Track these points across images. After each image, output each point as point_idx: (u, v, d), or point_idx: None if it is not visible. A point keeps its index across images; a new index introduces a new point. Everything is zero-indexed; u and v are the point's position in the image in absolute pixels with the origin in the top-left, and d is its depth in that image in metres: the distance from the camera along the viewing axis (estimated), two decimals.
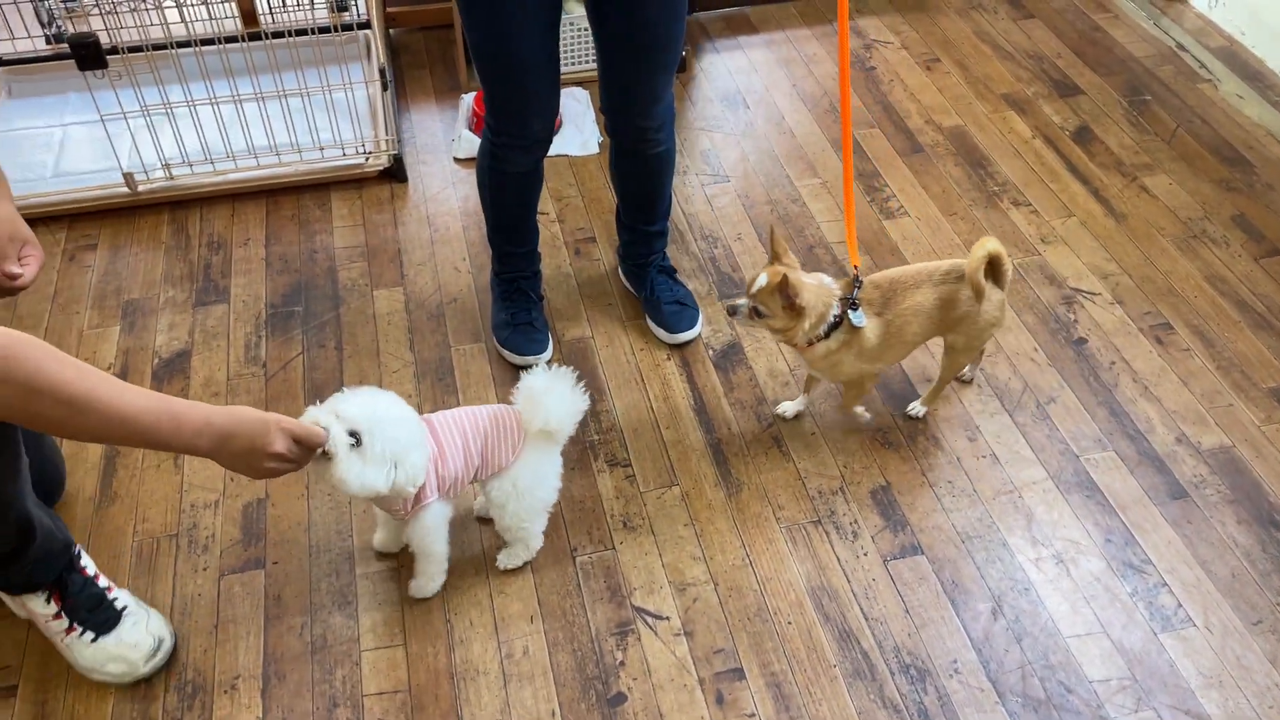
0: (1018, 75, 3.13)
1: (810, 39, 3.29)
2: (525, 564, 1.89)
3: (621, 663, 1.77)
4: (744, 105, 3.02)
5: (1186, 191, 2.71)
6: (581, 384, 1.77)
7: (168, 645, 1.73)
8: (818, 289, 1.89)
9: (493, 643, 1.79)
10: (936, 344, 2.16)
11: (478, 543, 1.93)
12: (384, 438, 1.58)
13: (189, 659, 1.76)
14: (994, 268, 1.92)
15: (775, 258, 1.92)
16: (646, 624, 1.82)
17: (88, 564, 1.72)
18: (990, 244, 1.89)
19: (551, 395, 1.73)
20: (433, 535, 1.76)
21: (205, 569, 1.89)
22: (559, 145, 2.83)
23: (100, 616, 1.68)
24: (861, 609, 1.85)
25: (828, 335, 1.90)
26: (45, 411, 1.24)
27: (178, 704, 1.71)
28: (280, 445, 1.43)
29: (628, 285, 2.43)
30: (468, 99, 2.93)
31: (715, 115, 2.98)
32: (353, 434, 1.57)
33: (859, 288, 1.91)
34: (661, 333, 2.31)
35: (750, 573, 1.90)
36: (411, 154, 2.82)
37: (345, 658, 1.77)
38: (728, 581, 1.88)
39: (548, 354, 2.25)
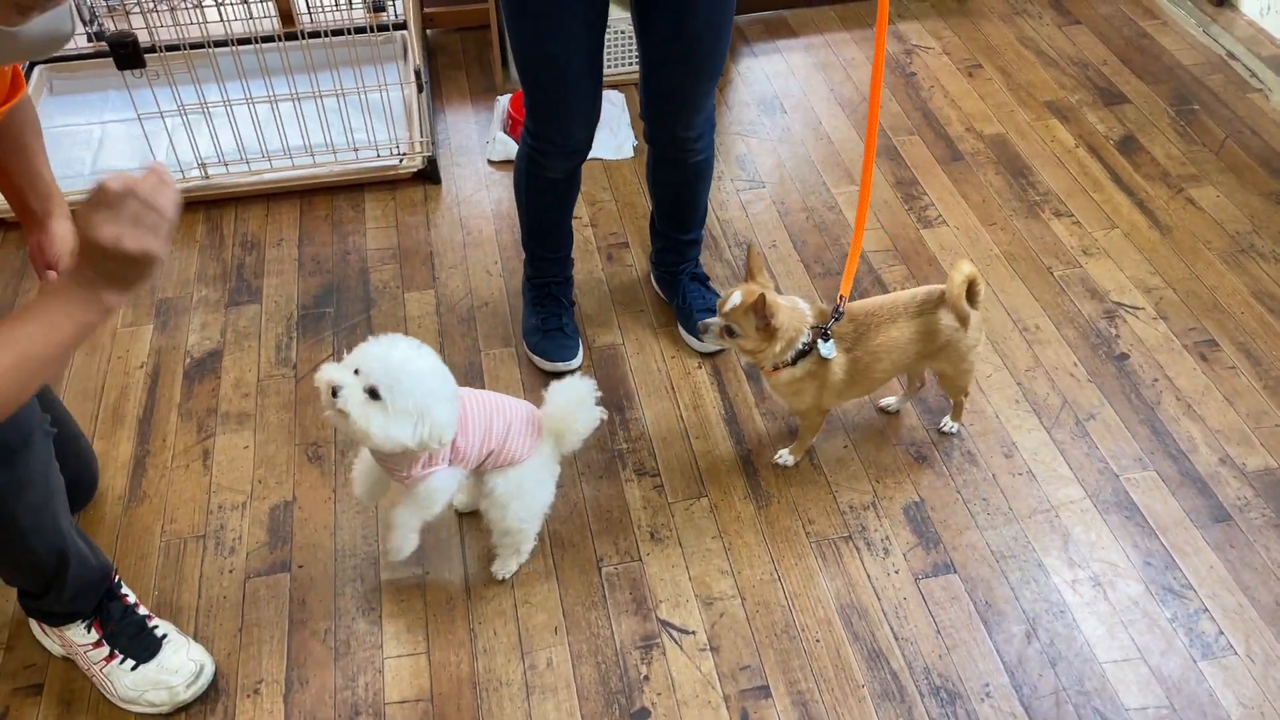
0: (1062, 82, 3.07)
1: (849, 43, 3.25)
2: (515, 571, 1.87)
3: (646, 677, 1.74)
4: (781, 110, 2.99)
5: (1234, 204, 2.64)
6: (599, 396, 1.77)
7: (209, 671, 1.71)
8: (791, 312, 1.84)
9: (516, 653, 1.78)
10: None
11: None
12: (406, 391, 1.52)
13: (215, 664, 1.75)
14: (970, 290, 1.86)
15: (750, 276, 1.87)
16: (672, 638, 1.80)
17: (128, 592, 1.72)
18: (967, 267, 1.83)
19: (580, 407, 1.73)
20: (435, 497, 1.69)
21: (231, 571, 1.89)
22: (593, 149, 2.80)
23: (141, 643, 1.67)
24: (891, 628, 1.81)
25: (794, 362, 1.86)
26: None
27: (200, 707, 1.70)
28: (106, 232, 1.12)
29: (660, 292, 2.40)
30: (503, 101, 2.91)
31: (751, 120, 2.95)
32: (370, 390, 1.52)
33: (837, 319, 1.86)
34: (693, 341, 2.28)
35: (779, 588, 1.87)
36: (446, 155, 2.81)
37: (368, 664, 1.76)
38: (755, 596, 1.85)
39: (577, 361, 2.23)
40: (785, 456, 2.05)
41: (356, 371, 1.54)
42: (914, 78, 3.11)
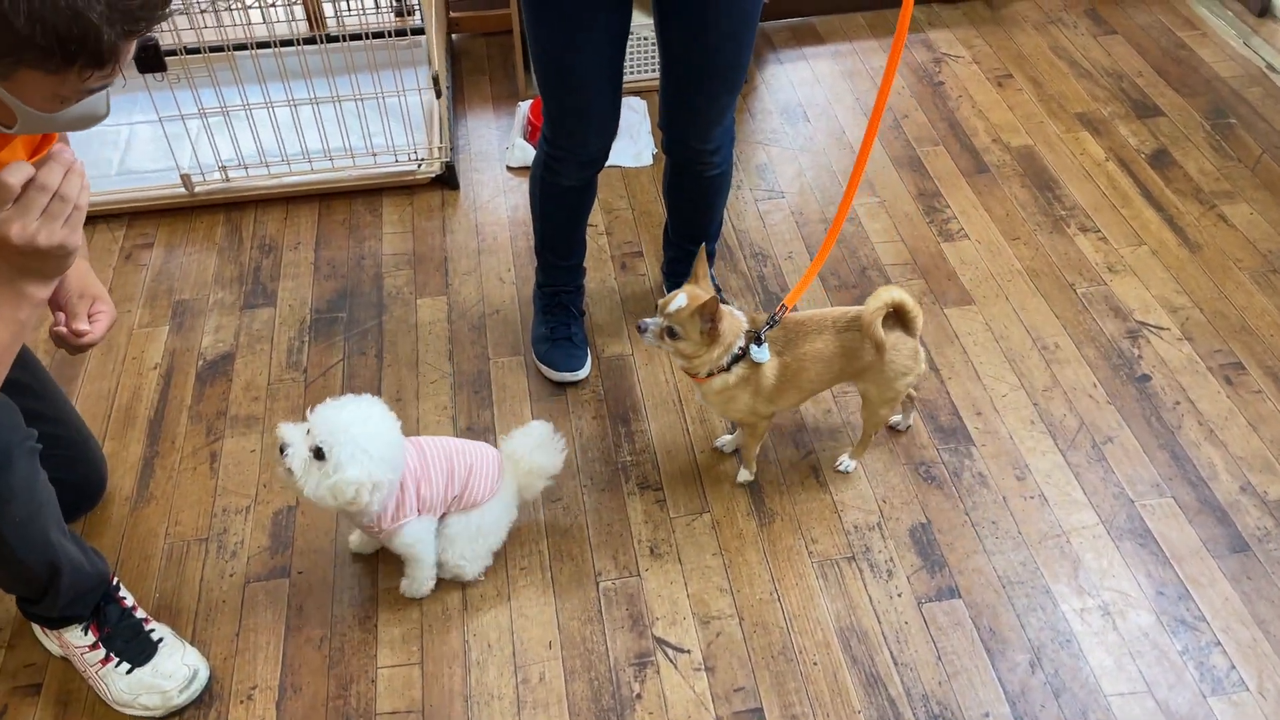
0: (1094, 94, 3.01)
1: (877, 51, 3.20)
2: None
3: (638, 695, 1.73)
4: (805, 119, 2.95)
5: (1268, 222, 2.56)
6: (561, 438, 1.86)
7: (203, 676, 1.72)
8: (731, 318, 1.81)
9: (509, 667, 1.77)
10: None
11: (500, 563, 1.90)
12: (350, 452, 1.60)
13: (210, 669, 1.76)
14: (901, 316, 1.82)
15: (695, 279, 1.83)
16: (667, 656, 1.78)
17: (126, 595, 1.73)
18: (891, 293, 1.79)
19: (539, 450, 1.81)
20: (417, 547, 1.78)
21: (231, 575, 1.90)
22: (612, 156, 2.79)
23: (137, 647, 1.69)
24: (891, 653, 1.78)
25: (729, 368, 1.83)
26: None
27: (194, 712, 1.71)
28: (17, 231, 1.14)
29: None
30: (524, 107, 2.91)
31: (774, 129, 2.92)
32: (315, 450, 1.61)
33: (772, 325, 1.83)
34: None
35: (778, 608, 1.84)
36: (465, 160, 2.81)
37: (361, 674, 1.76)
38: (753, 616, 1.83)
39: (585, 371, 2.22)
40: (743, 474, 2.03)
41: (309, 431, 1.63)
42: (942, 87, 3.06)
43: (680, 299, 1.78)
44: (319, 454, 1.60)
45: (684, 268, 2.30)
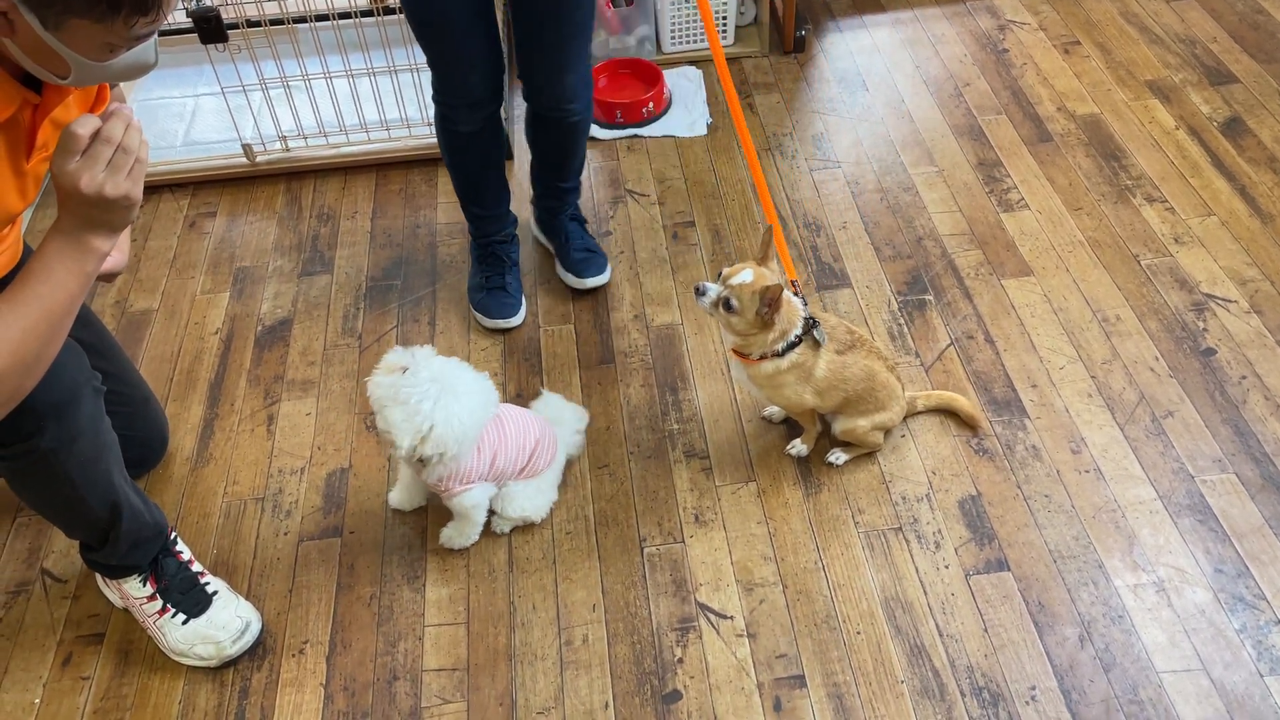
0: (1165, 60, 2.91)
1: (940, 18, 3.13)
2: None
3: (680, 660, 1.73)
4: (863, 88, 2.91)
5: None
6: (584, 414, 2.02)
7: (255, 628, 1.77)
8: (789, 306, 1.79)
9: (553, 629, 1.78)
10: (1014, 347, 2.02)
11: (548, 526, 1.92)
12: (445, 416, 1.66)
13: (263, 621, 1.81)
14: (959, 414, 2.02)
15: (765, 259, 1.80)
16: (709, 622, 1.78)
17: (183, 549, 1.79)
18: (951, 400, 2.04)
19: (566, 412, 1.95)
20: (474, 512, 1.84)
21: (286, 534, 1.95)
22: (665, 126, 2.78)
23: (193, 599, 1.74)
24: (937, 624, 1.76)
25: (782, 354, 1.81)
26: None
27: (248, 663, 1.76)
28: (86, 181, 1.18)
29: (541, 237, 2.44)
30: None
31: (831, 97, 2.88)
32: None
33: (814, 325, 1.83)
34: (570, 278, 2.33)
35: (822, 577, 1.83)
36: (519, 130, 2.82)
37: (409, 631, 1.79)
38: (797, 585, 1.82)
39: (519, 319, 2.27)
40: (798, 447, 2.01)
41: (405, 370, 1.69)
42: (1005, 54, 2.99)
43: (746, 274, 1.76)
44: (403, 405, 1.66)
45: (552, 202, 2.35)
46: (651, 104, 2.79)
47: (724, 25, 2.98)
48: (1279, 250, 2.35)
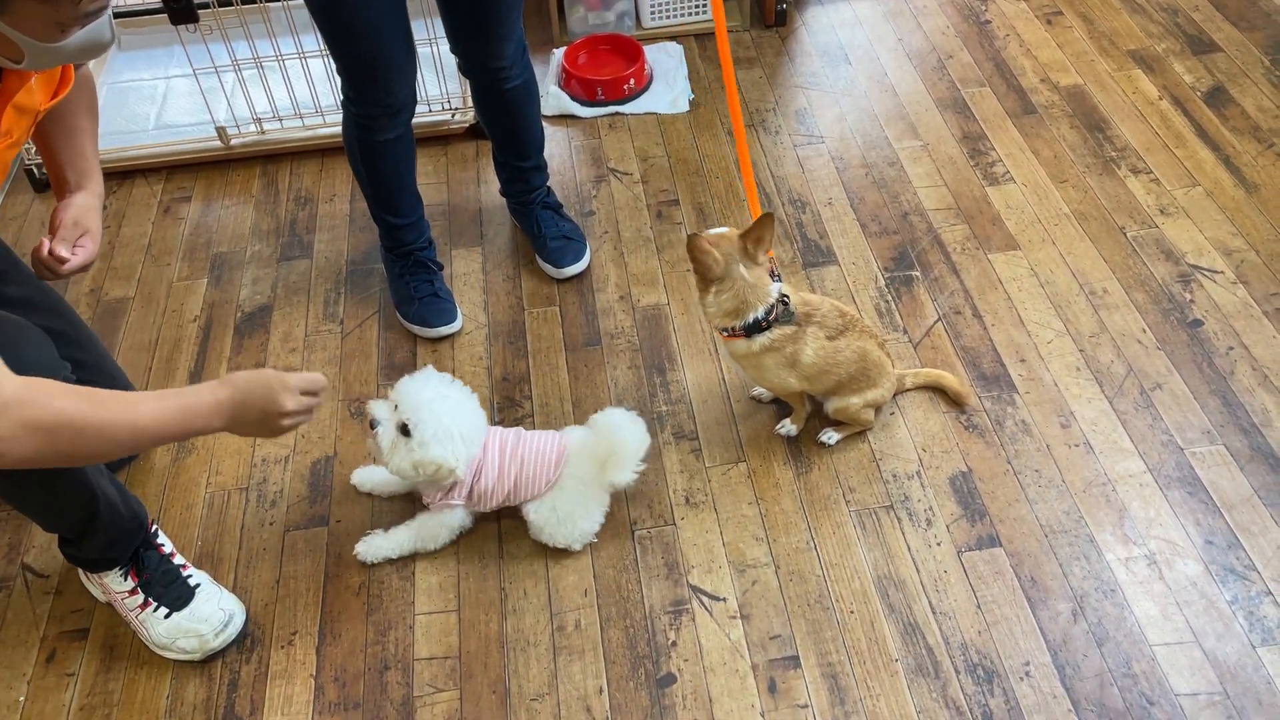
0: (1148, 30, 2.90)
1: None
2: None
3: (673, 643, 1.72)
4: (846, 61, 2.88)
5: None
6: (641, 419, 1.82)
7: (238, 621, 1.75)
8: (744, 279, 1.74)
9: (545, 614, 1.77)
10: (1013, 330, 2.01)
11: None
12: (434, 430, 1.68)
13: (250, 613, 1.79)
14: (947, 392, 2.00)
15: (759, 238, 1.74)
16: (702, 604, 1.77)
17: (165, 542, 1.76)
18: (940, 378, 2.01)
19: (624, 432, 1.77)
20: (441, 533, 1.83)
21: (271, 524, 1.92)
22: (647, 103, 2.75)
23: (175, 592, 1.71)
24: (930, 602, 1.75)
25: (749, 334, 1.79)
26: (69, 447, 1.25)
27: (237, 655, 1.74)
28: (290, 404, 1.45)
29: (516, 223, 2.41)
30: (558, 54, 2.87)
31: (814, 72, 2.85)
32: (401, 426, 1.69)
33: (785, 303, 1.80)
34: (548, 268, 2.30)
35: (814, 557, 1.82)
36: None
37: (399, 620, 1.78)
38: (789, 565, 1.81)
39: (458, 324, 2.21)
40: (787, 427, 2.00)
41: (396, 407, 1.71)
42: (988, 26, 2.96)
43: (725, 229, 1.77)
44: (405, 430, 1.69)
45: (519, 187, 2.32)
46: (633, 81, 2.75)
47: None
48: (1264, 220, 2.34)
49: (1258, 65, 2.74)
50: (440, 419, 1.68)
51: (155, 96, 2.84)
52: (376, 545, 1.83)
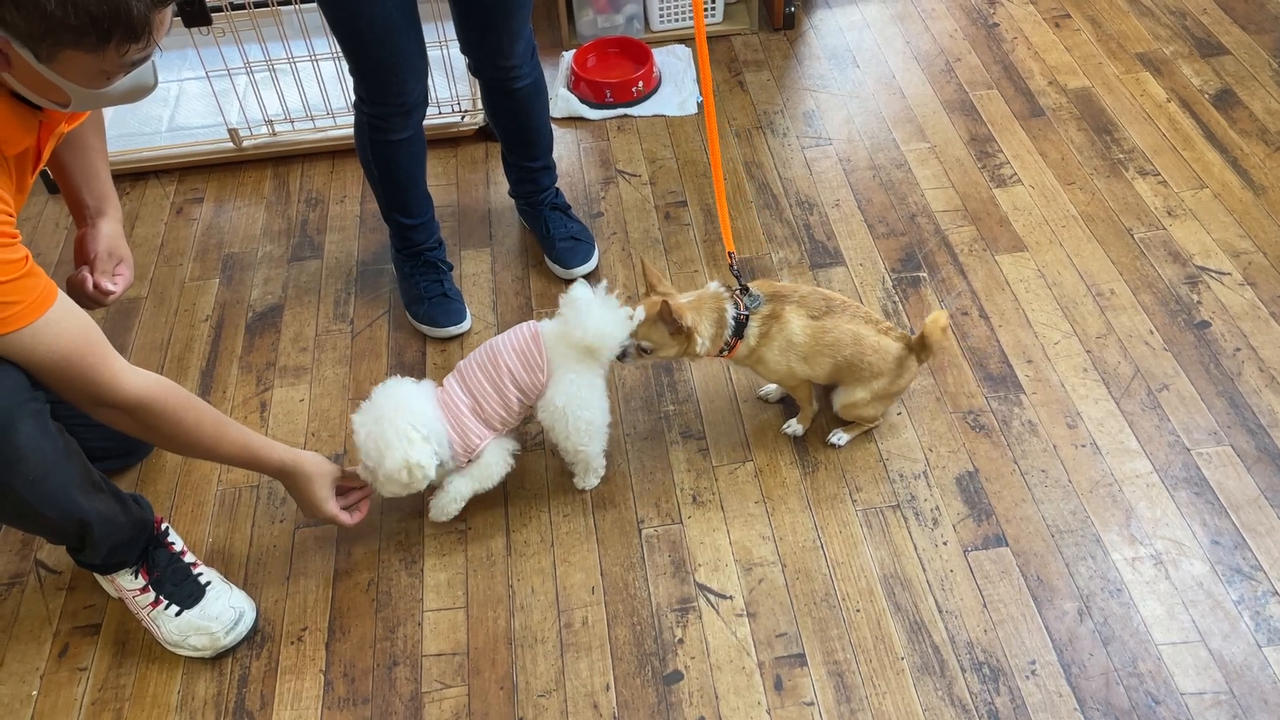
0: (1156, 33, 2.90)
1: None
2: (595, 486, 1.94)
3: (680, 640, 1.73)
4: (854, 64, 2.89)
5: None
6: (626, 309, 1.77)
7: (249, 618, 1.76)
8: (699, 303, 1.79)
9: (553, 612, 1.78)
10: (1014, 318, 2.02)
11: (545, 509, 1.92)
12: (378, 446, 1.70)
13: (260, 609, 1.81)
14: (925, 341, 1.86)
15: (650, 289, 1.82)
16: (709, 602, 1.78)
17: (175, 540, 1.77)
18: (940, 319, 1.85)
19: (594, 307, 1.73)
20: (494, 471, 1.81)
21: (282, 521, 1.94)
22: (655, 105, 2.77)
23: (185, 590, 1.73)
24: (936, 600, 1.76)
25: (740, 336, 1.81)
26: (170, 442, 1.58)
27: (247, 651, 1.76)
28: (329, 509, 1.74)
29: (525, 224, 2.42)
30: (567, 57, 2.88)
31: (822, 74, 2.86)
32: (367, 468, 1.75)
33: (745, 289, 1.82)
34: (557, 269, 2.31)
35: (820, 556, 1.83)
36: None
37: (408, 617, 1.79)
38: (796, 564, 1.82)
39: (467, 324, 2.23)
40: (794, 426, 2.00)
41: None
42: (996, 29, 2.97)
43: (639, 313, 1.77)
44: (371, 472, 1.73)
45: (528, 188, 2.34)
46: (641, 83, 2.77)
47: (713, 2, 2.96)
48: (1271, 222, 2.35)
49: (1266, 68, 2.75)
50: (384, 434, 1.68)
51: (169, 99, 2.86)
52: (442, 503, 1.82)
